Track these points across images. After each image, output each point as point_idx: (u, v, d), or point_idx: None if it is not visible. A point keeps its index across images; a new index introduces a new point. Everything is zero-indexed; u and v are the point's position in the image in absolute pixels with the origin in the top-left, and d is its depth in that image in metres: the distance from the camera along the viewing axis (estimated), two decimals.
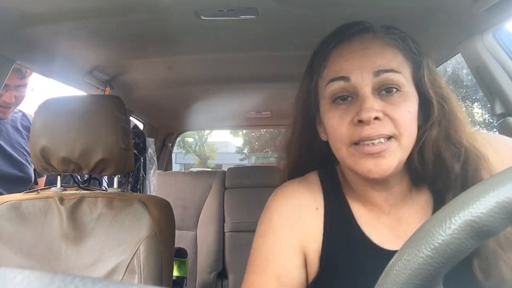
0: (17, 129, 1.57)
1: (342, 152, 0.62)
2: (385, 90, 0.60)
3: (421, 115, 0.62)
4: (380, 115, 0.58)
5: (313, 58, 0.68)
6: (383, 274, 0.34)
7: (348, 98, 0.61)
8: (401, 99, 0.59)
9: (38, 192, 1.15)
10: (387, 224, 0.65)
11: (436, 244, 0.31)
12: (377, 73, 0.59)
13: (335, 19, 1.07)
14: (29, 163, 1.54)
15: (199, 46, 1.34)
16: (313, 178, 0.70)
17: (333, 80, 0.61)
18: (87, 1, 0.95)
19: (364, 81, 0.59)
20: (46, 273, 0.20)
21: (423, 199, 0.65)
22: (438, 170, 0.61)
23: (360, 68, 0.60)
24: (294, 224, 0.65)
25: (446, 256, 0.30)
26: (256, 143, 19.99)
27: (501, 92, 1.06)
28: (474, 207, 0.30)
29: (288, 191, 0.69)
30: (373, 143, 0.58)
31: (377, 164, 0.58)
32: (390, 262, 0.33)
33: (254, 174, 2.56)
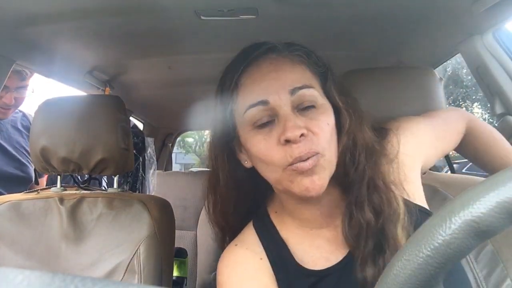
0: (17, 129, 1.57)
1: (277, 175, 0.60)
2: (303, 108, 0.59)
3: (336, 126, 0.62)
4: (304, 131, 0.57)
5: (221, 87, 0.66)
6: (383, 274, 0.34)
7: (269, 121, 0.60)
8: (319, 112, 0.60)
9: (38, 192, 1.15)
10: (329, 236, 0.65)
11: (436, 244, 0.31)
12: (293, 91, 0.59)
13: (335, 19, 1.07)
14: (29, 163, 1.54)
15: (199, 46, 1.34)
16: (249, 233, 0.69)
17: (251, 106, 0.60)
18: (87, 1, 0.95)
19: (282, 101, 0.59)
20: (46, 273, 0.20)
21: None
22: (347, 172, 0.62)
23: (276, 89, 0.59)
24: (249, 283, 0.63)
25: (446, 256, 0.30)
26: None
27: (501, 92, 1.06)
28: (474, 207, 0.30)
29: (228, 259, 0.67)
30: (304, 161, 0.57)
31: (312, 182, 0.57)
32: (390, 262, 0.33)
33: None
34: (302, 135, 0.57)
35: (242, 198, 0.69)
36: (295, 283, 0.62)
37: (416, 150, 0.71)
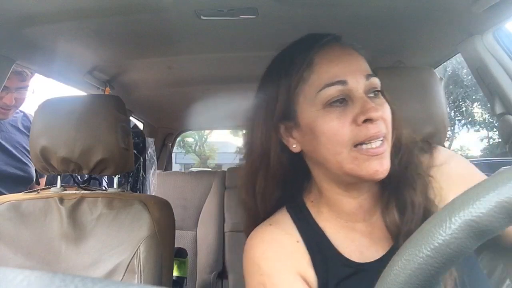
0: (18, 129, 1.57)
1: (341, 156, 0.60)
2: (373, 93, 0.62)
3: (395, 118, 0.66)
4: (380, 114, 0.60)
5: (285, 68, 0.66)
6: (383, 274, 0.34)
7: (344, 101, 0.61)
8: (383, 101, 0.63)
9: (38, 192, 1.15)
10: (364, 231, 0.66)
11: (436, 244, 0.31)
12: (367, 76, 0.62)
13: (335, 19, 1.07)
14: (30, 163, 1.54)
15: (199, 46, 1.34)
16: (282, 215, 0.69)
17: (328, 85, 0.61)
18: (87, 1, 0.95)
19: (359, 84, 0.61)
20: (46, 273, 0.20)
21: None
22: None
23: (353, 72, 0.61)
24: (285, 261, 0.63)
25: (446, 256, 0.30)
26: None
27: (501, 92, 1.06)
28: (474, 207, 0.30)
29: (263, 235, 0.67)
30: (376, 145, 0.59)
31: (382, 164, 0.59)
32: (390, 262, 0.33)
33: None
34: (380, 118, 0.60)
35: (283, 183, 0.69)
36: (334, 269, 0.63)
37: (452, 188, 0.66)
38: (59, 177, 1.15)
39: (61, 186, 1.16)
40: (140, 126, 2.41)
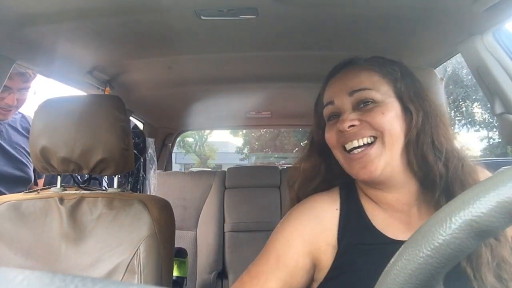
0: (17, 130, 1.57)
1: (339, 157, 0.75)
2: (363, 104, 0.73)
3: (406, 122, 0.72)
4: (355, 122, 0.71)
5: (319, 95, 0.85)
6: (383, 273, 0.34)
7: (336, 116, 0.77)
8: (375, 106, 0.72)
9: (38, 192, 1.15)
10: (401, 219, 0.72)
11: (437, 244, 0.31)
12: (351, 93, 0.74)
13: (335, 19, 1.08)
14: (29, 163, 1.54)
15: (199, 46, 1.34)
16: (334, 189, 0.80)
17: (325, 105, 0.79)
18: (87, 1, 0.95)
19: (343, 102, 0.75)
20: (46, 273, 0.20)
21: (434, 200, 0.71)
22: (423, 171, 0.70)
23: (339, 92, 0.76)
24: (310, 220, 0.73)
25: (446, 256, 0.30)
26: (256, 143, 20.00)
27: (501, 92, 1.06)
28: (474, 207, 0.30)
29: (310, 198, 0.79)
30: (358, 151, 0.71)
31: (364, 167, 0.70)
32: (391, 262, 0.33)
33: (254, 174, 2.55)
34: (352, 126, 0.72)
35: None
36: (362, 238, 0.70)
37: None
38: (59, 177, 1.15)
39: (61, 186, 1.16)
40: (140, 126, 2.41)
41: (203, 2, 0.97)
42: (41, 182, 1.65)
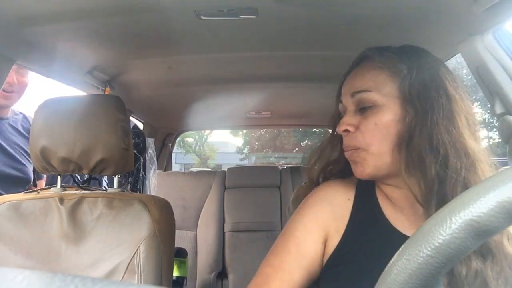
0: (17, 130, 1.57)
1: (346, 154, 0.76)
2: (362, 108, 0.73)
3: (405, 122, 0.69)
4: (350, 128, 0.73)
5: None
6: (383, 273, 0.34)
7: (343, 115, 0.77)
8: (372, 113, 0.72)
9: (38, 192, 1.15)
10: (410, 216, 0.71)
11: (437, 244, 0.31)
12: (353, 94, 0.74)
13: (335, 19, 1.07)
14: (28, 164, 1.54)
15: (199, 46, 1.34)
16: (350, 181, 0.80)
17: (338, 102, 0.80)
18: (87, 1, 0.95)
19: (347, 102, 0.76)
20: (46, 273, 0.20)
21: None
22: (422, 172, 0.67)
23: (346, 92, 0.77)
24: (323, 207, 0.75)
25: (446, 255, 0.30)
26: (256, 143, 19.99)
27: (501, 92, 1.06)
28: (474, 207, 0.30)
29: (326, 185, 0.80)
30: (349, 149, 0.74)
31: (355, 164, 0.73)
32: (391, 262, 0.33)
33: (254, 174, 2.56)
34: (346, 130, 0.73)
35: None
36: (375, 227, 0.71)
37: None
38: (59, 177, 1.15)
39: (61, 186, 1.16)
40: (140, 126, 2.41)
41: (203, 2, 0.97)
42: (40, 183, 1.64)
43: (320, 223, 0.73)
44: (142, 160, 1.77)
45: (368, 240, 0.70)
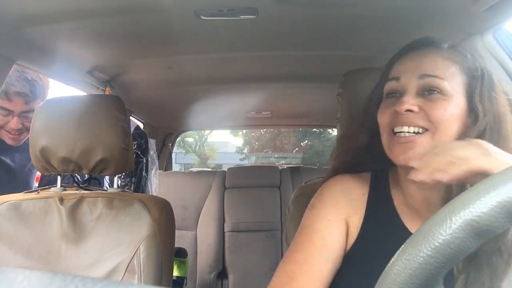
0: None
1: (383, 138, 0.72)
2: (428, 92, 0.68)
3: (466, 124, 0.68)
4: (414, 108, 0.67)
5: (386, 66, 0.80)
6: (383, 273, 0.34)
7: (396, 94, 0.72)
8: (440, 99, 0.68)
9: (38, 192, 1.15)
10: (425, 218, 0.69)
11: (437, 244, 0.31)
12: (421, 76, 0.69)
13: (335, 19, 1.07)
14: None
15: (199, 46, 1.34)
16: (366, 173, 0.79)
17: (389, 80, 0.74)
18: (87, 1, 0.95)
19: (410, 82, 0.70)
20: (46, 273, 0.20)
21: None
22: None
23: (409, 71, 0.71)
24: (341, 200, 0.74)
25: (446, 255, 0.30)
26: (256, 143, 19.98)
27: None
28: (475, 207, 0.30)
29: (340, 178, 0.78)
30: (404, 135, 0.67)
31: (404, 152, 0.67)
32: (391, 262, 0.33)
33: (254, 174, 2.56)
34: (409, 110, 0.67)
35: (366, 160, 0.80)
36: (388, 225, 0.71)
37: None
38: (59, 177, 1.15)
39: (61, 186, 1.16)
40: (140, 126, 2.42)
41: (203, 2, 0.97)
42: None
43: (342, 215, 0.72)
44: (144, 160, 1.77)
45: (381, 240, 0.69)
